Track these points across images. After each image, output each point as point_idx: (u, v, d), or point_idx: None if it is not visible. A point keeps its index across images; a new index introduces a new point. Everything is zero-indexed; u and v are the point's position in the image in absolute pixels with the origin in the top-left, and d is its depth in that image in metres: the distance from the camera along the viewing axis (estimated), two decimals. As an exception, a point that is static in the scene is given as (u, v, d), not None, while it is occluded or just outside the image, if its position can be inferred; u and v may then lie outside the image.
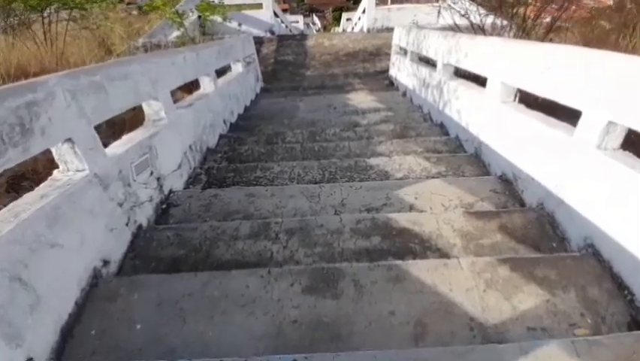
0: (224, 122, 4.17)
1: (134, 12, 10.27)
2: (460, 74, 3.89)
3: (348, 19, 19.14)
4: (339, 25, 28.11)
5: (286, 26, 13.19)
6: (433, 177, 2.84)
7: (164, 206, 2.51)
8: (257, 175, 2.96)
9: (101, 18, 7.94)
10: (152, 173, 2.37)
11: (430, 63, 4.99)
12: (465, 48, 3.30)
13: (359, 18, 11.56)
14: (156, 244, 2.11)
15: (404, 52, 6.06)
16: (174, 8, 5.04)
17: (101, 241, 1.86)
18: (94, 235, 1.81)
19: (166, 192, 2.56)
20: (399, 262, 1.77)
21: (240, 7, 9.50)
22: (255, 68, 6.39)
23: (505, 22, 5.70)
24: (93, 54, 6.47)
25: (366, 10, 9.66)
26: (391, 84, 6.54)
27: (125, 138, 2.35)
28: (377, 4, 9.63)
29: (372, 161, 3.06)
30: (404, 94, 5.64)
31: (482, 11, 6.04)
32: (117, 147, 2.17)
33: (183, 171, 2.85)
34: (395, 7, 9.72)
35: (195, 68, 3.39)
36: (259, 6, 9.55)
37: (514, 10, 4.93)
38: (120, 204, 2.02)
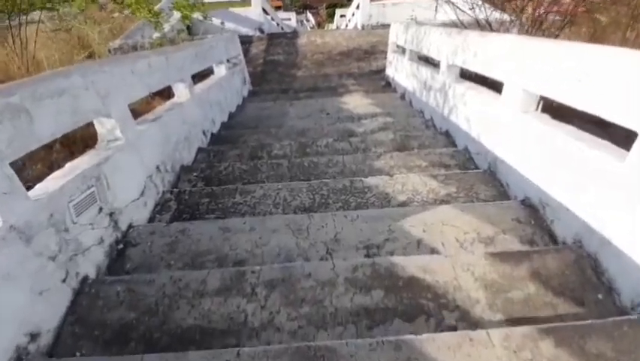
0: (204, 133, 3.73)
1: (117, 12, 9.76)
2: (468, 75, 3.48)
3: (342, 16, 18.66)
4: (333, 22, 27.61)
5: (277, 24, 12.70)
6: (442, 201, 2.42)
7: (120, 246, 2.07)
8: (236, 201, 2.53)
9: (79, 18, 7.47)
10: (101, 209, 1.93)
11: (431, 63, 4.57)
12: (474, 47, 2.87)
13: (353, 14, 11.10)
14: (103, 303, 1.68)
15: (402, 50, 5.62)
16: (150, 6, 4.60)
17: (26, 309, 1.44)
18: (13, 304, 1.39)
19: (123, 229, 2.13)
20: (409, 337, 1.35)
21: (226, 4, 9.02)
22: (242, 69, 5.94)
23: (509, 18, 5.29)
24: (68, 57, 5.99)
25: (360, 6, 9.21)
26: (388, 85, 6.12)
27: (67, 166, 1.92)
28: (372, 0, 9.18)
29: (371, 181, 2.63)
30: (402, 96, 5.21)
31: (485, 5, 5.62)
32: (52, 181, 1.73)
33: (148, 198, 2.42)
34: (390, 3, 9.27)
35: (165, 75, 2.94)
36: (247, 3, 9.07)
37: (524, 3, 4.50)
38: (53, 258, 1.59)
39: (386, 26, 9.15)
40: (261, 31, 9.23)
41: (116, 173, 2.07)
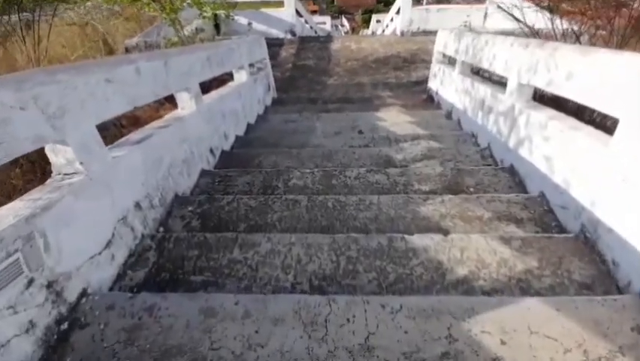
0: (212, 151, 3.14)
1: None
2: (546, 100, 2.72)
3: (378, 21, 17.97)
4: (368, 28, 26.92)
5: (311, 27, 12.14)
6: (523, 287, 1.70)
7: (64, 327, 1.48)
8: (233, 257, 1.89)
9: (104, 13, 7.16)
10: (31, 282, 1.34)
11: (489, 78, 3.81)
12: (569, 65, 2.12)
13: (391, 19, 10.36)
14: None
15: (451, 61, 4.87)
16: (167, 3, 4.13)
17: None
18: None
19: (72, 299, 1.53)
20: None
21: (257, 4, 8.53)
22: (267, 75, 5.35)
23: (574, 27, 4.45)
24: (87, 54, 5.63)
25: (400, 10, 8.48)
26: (431, 100, 5.36)
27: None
28: (413, 4, 8.42)
29: (417, 240, 1.93)
30: (449, 114, 4.46)
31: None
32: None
33: (117, 249, 1.82)
34: (435, 8, 8.48)
35: (161, 83, 2.36)
36: (280, 4, 8.54)
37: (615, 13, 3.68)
38: None
39: (428, 33, 8.39)
40: (293, 33, 8.68)
41: (64, 224, 1.48)
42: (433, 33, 8.42)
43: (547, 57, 2.31)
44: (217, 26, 8.64)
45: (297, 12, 8.92)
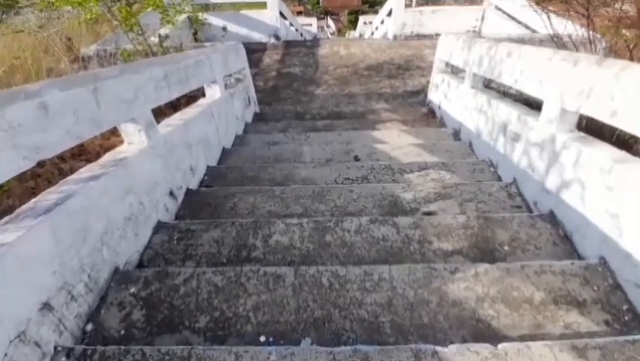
0: (172, 193, 2.48)
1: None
2: (594, 129, 2.16)
3: (366, 23, 17.47)
4: (354, 29, 26.42)
5: (296, 30, 11.51)
6: None
7: None
8: (182, 396, 1.25)
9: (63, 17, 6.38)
10: None
11: (506, 93, 3.25)
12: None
13: (382, 22, 9.80)
14: None
15: (454, 71, 4.31)
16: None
17: None
18: None
19: None
20: None
21: (236, 5, 7.83)
22: (247, 87, 4.70)
23: (597, 36, 3.92)
24: (39, 63, 4.88)
25: (392, 13, 7.90)
26: (432, 114, 4.79)
27: None
28: (406, 6, 7.86)
29: (456, 358, 1.32)
30: (456, 134, 3.88)
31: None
32: None
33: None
34: (429, 9, 7.94)
35: (88, 118, 1.70)
36: (262, 5, 7.88)
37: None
38: None
39: (422, 37, 7.85)
40: (277, 37, 8.02)
41: None
42: (428, 37, 7.91)
43: (611, 79, 1.73)
44: (196, 33, 7.94)
45: (282, 14, 8.27)
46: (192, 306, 1.66)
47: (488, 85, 3.67)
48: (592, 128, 2.27)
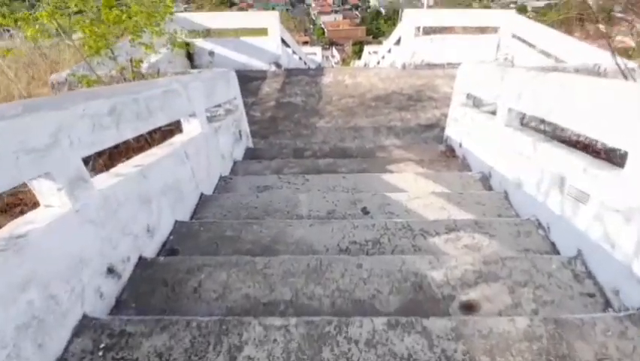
0: (110, 272, 1.79)
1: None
2: None
3: (370, 53, 17.26)
4: (359, 59, 26.43)
5: (300, 58, 11.14)
6: None
7: None
8: None
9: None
10: None
11: (546, 131, 2.62)
12: None
13: (389, 50, 9.37)
14: None
15: (476, 103, 3.70)
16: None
17: None
18: None
19: None
20: None
21: (237, 31, 7.42)
22: (238, 120, 4.10)
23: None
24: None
25: (401, 41, 7.44)
26: (451, 152, 4.14)
27: None
28: (416, 35, 7.40)
29: None
30: (485, 180, 3.21)
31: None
32: None
33: None
34: (440, 37, 7.48)
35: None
36: (263, 32, 7.46)
37: None
38: None
39: (433, 66, 7.35)
40: (278, 65, 7.56)
41: None
42: (439, 66, 7.40)
43: None
44: (190, 56, 7.51)
45: (283, 41, 7.85)
46: None
47: (521, 121, 3.04)
48: None
